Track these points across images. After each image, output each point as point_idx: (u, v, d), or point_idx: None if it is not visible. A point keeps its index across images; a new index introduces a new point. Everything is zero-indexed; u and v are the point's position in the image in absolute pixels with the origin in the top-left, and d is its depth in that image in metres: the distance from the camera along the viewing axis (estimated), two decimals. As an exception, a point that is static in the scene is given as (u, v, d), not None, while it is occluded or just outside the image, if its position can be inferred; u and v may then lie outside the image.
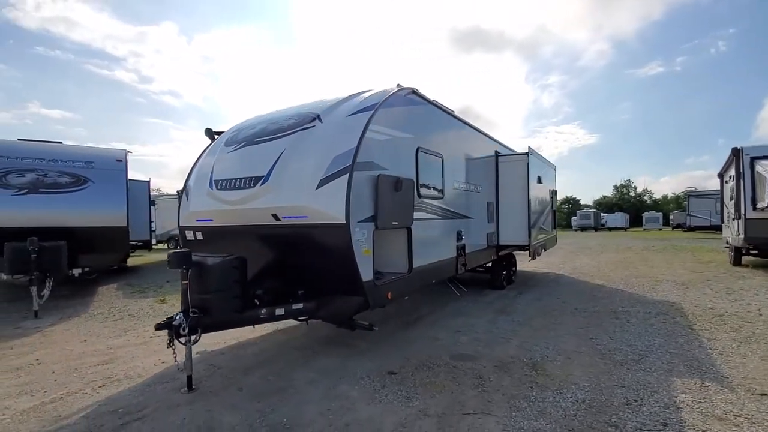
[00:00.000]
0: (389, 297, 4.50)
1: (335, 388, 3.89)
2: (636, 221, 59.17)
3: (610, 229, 53.67)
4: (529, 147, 8.23)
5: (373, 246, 4.17)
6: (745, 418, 3.19)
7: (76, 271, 7.85)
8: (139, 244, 12.44)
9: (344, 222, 3.80)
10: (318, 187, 3.94)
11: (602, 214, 58.91)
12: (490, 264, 8.77)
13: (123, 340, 5.58)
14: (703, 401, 3.48)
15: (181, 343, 3.74)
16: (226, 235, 4.79)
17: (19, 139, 8.63)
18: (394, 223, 4.50)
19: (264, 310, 4.18)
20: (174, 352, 3.76)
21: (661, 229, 49.64)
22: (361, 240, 3.98)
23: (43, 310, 7.06)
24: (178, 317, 3.74)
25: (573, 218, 58.55)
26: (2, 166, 7.40)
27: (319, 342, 5.31)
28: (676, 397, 3.58)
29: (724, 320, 6.02)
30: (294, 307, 4.33)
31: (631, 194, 78.13)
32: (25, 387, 4.07)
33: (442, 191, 5.82)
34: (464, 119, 6.92)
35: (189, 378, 3.91)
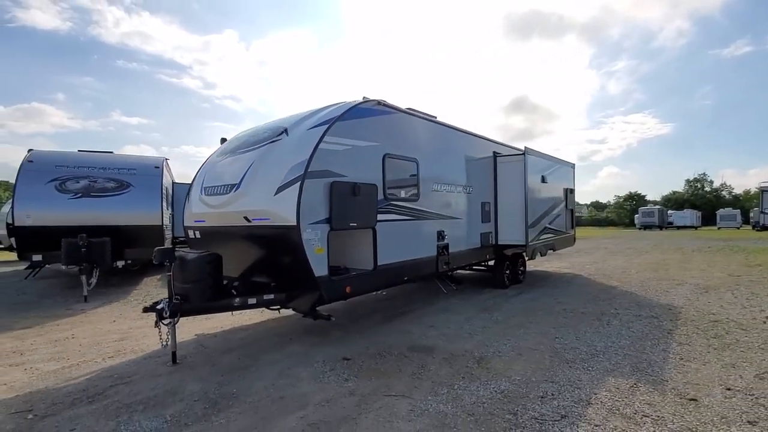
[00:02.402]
0: (348, 291, 4.98)
1: (290, 369, 4.45)
2: (710, 219, 53.87)
3: (678, 227, 49.41)
4: (525, 147, 8.23)
5: (328, 245, 4.67)
6: (652, 419, 3.28)
7: (120, 263, 9.17)
8: (184, 239, 13.94)
9: (295, 224, 4.34)
10: (276, 193, 4.52)
11: (669, 212, 54.32)
12: (492, 263, 8.92)
13: (143, 322, 6.56)
14: (620, 400, 3.59)
15: (164, 324, 4.50)
16: (216, 234, 5.53)
17: (79, 150, 10.22)
18: (352, 224, 4.96)
19: (238, 299, 4.84)
20: (159, 332, 4.54)
21: (739, 228, 44.91)
22: (313, 240, 4.50)
23: (92, 295, 8.39)
24: (162, 303, 4.50)
25: (635, 216, 54.57)
26: (63, 175, 8.90)
27: (300, 331, 5.91)
28: (596, 394, 3.71)
29: (716, 326, 5.78)
30: (265, 297, 4.95)
31: (705, 189, 70.94)
32: (56, 355, 5.08)
33: (417, 194, 6.16)
34: (449, 123, 7.16)
35: (173, 354, 4.68)
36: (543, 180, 8.97)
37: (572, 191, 11.01)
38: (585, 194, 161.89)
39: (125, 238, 8.95)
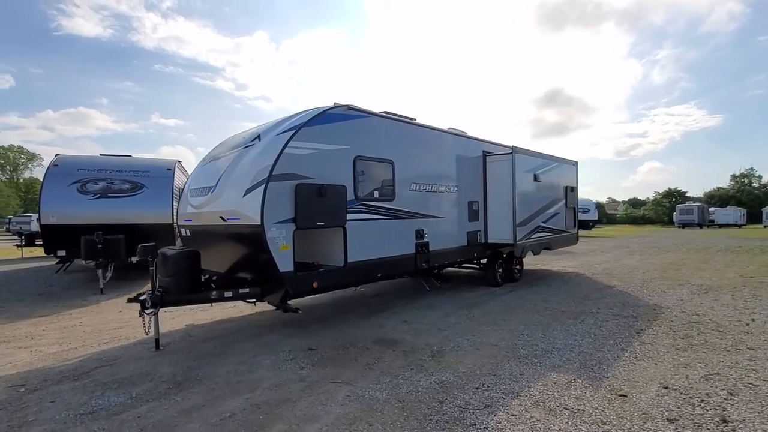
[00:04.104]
0: (315, 286, 5.30)
1: (256, 357, 4.82)
2: (757, 217, 50.48)
3: (720, 226, 46.76)
4: (513, 146, 8.26)
5: (294, 243, 5.00)
6: (572, 411, 3.40)
7: (134, 259, 9.92)
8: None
9: (259, 223, 4.70)
10: (244, 195, 4.90)
11: (711, 209, 51.35)
12: (485, 261, 9.01)
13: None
14: (550, 394, 3.71)
15: (146, 314, 4.98)
16: (202, 232, 5.99)
17: (101, 155, 11.12)
18: (319, 223, 5.27)
19: (215, 292, 5.27)
20: (143, 321, 5.03)
21: (788, 226, 41.95)
22: (278, 238, 4.84)
23: (108, 288, 9.15)
24: (146, 294, 4.99)
25: (674, 213, 51.91)
26: (84, 177, 9.76)
27: (280, 323, 6.29)
28: (529, 388, 3.84)
29: (692, 327, 5.69)
30: (241, 291, 5.37)
31: (753, 185, 66.45)
32: (60, 339, 5.71)
33: (392, 194, 6.40)
34: (431, 125, 7.33)
35: (156, 341, 5.17)
36: (536, 178, 8.95)
37: (573, 189, 10.86)
38: (623, 191, 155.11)
39: (139, 235, 9.63)
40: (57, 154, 10.22)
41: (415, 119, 6.98)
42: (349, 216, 5.66)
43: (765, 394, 3.61)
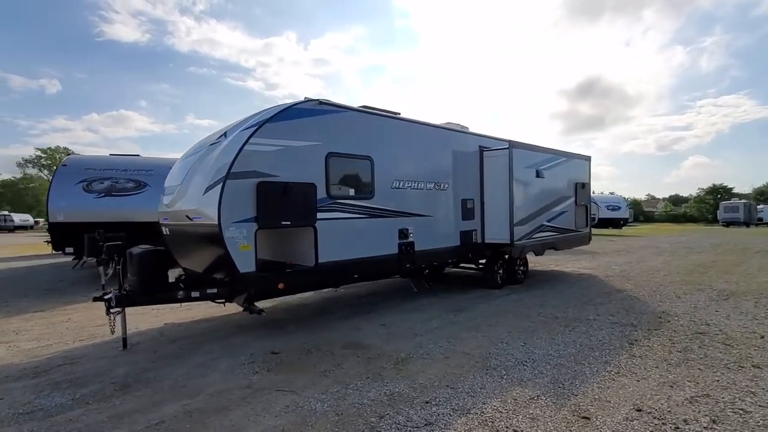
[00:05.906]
0: (282, 287, 5.13)
1: (214, 360, 4.71)
2: (814, 215, 46.43)
3: (768, 224, 43.41)
4: (510, 141, 7.78)
5: (256, 242, 4.85)
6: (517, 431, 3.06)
7: (137, 256, 10.20)
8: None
9: (216, 222, 4.57)
10: (204, 194, 4.79)
11: (759, 206, 47.71)
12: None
13: (132, 310, 7.22)
14: (504, 412, 3.37)
15: (111, 313, 4.97)
16: (177, 231, 5.95)
17: (111, 154, 11.48)
18: (284, 223, 5.10)
19: (181, 292, 5.20)
20: (109, 320, 5.03)
21: None
22: (237, 237, 4.70)
23: (111, 285, 9.36)
24: (111, 293, 4.98)
25: (717, 211, 48.56)
26: (90, 176, 10.09)
27: (255, 324, 6.17)
28: (484, 404, 3.51)
29: (695, 339, 5.12)
30: (208, 291, 5.28)
31: (810, 180, 61.12)
32: (40, 336, 5.83)
33: (371, 191, 6.13)
34: (417, 120, 6.99)
35: (124, 340, 5.16)
36: (538, 174, 8.42)
37: (585, 186, 10.18)
38: (665, 187, 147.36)
39: (141, 232, 9.84)
40: (68, 154, 10.60)
41: (399, 113, 6.67)
42: (321, 215, 5.45)
43: (755, 425, 3.12)
